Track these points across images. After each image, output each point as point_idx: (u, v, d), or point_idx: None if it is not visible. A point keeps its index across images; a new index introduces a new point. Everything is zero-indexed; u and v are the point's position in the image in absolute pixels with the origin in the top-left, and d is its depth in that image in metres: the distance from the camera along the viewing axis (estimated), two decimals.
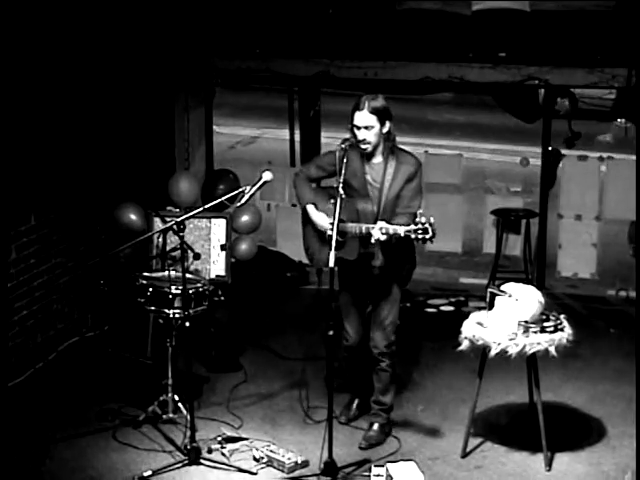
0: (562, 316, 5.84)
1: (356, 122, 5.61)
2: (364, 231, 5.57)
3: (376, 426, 6.06)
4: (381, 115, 5.60)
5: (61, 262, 7.29)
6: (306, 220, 5.96)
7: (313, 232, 5.92)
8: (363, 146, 5.64)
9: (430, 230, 5.31)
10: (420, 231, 5.32)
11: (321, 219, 5.83)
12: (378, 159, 5.72)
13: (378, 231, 5.43)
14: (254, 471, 5.67)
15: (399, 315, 5.97)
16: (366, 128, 5.59)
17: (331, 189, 5.83)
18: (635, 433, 5.71)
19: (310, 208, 5.88)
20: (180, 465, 5.68)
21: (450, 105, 16.38)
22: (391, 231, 5.41)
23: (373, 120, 5.58)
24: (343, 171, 5.52)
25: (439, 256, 9.62)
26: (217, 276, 7.17)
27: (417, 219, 5.34)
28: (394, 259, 5.82)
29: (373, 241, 5.48)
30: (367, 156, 5.71)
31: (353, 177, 5.71)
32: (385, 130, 5.64)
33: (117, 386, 6.58)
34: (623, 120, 11.21)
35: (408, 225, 5.38)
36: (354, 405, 6.32)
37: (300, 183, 5.95)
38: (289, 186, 9.19)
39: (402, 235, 5.38)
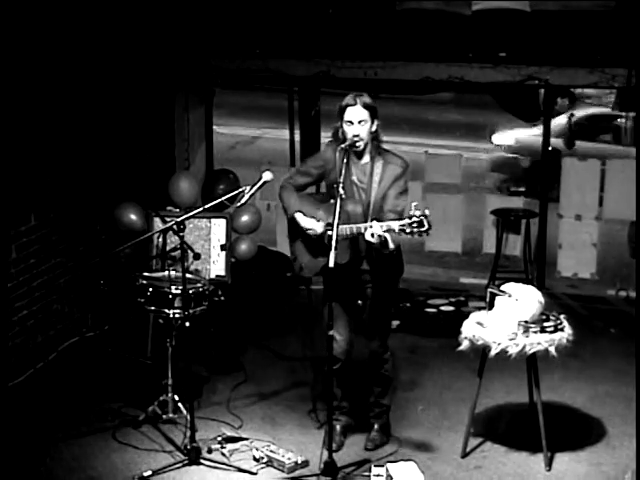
0: (562, 316, 5.83)
1: (350, 117, 5.52)
2: (355, 231, 5.43)
3: (376, 426, 6.05)
4: (372, 111, 5.55)
5: (61, 262, 7.29)
6: (293, 230, 5.81)
7: (302, 240, 5.78)
8: (357, 143, 5.53)
9: (425, 222, 5.15)
10: (415, 224, 5.17)
11: (311, 223, 5.67)
12: (365, 159, 5.64)
13: (369, 232, 5.28)
14: (254, 471, 5.67)
15: (397, 316, 5.95)
16: (359, 123, 5.52)
17: (316, 195, 5.79)
18: (635, 433, 5.70)
19: (298, 216, 5.72)
20: (180, 465, 5.68)
21: (450, 105, 16.40)
22: (385, 227, 5.24)
23: (366, 115, 5.52)
24: (343, 171, 5.42)
25: (439, 256, 9.62)
26: (217, 276, 7.16)
27: (411, 212, 5.19)
28: (383, 262, 5.67)
29: (368, 237, 5.29)
30: (355, 156, 5.61)
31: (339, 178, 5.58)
32: (374, 128, 5.59)
33: (117, 386, 6.58)
34: (623, 120, 11.23)
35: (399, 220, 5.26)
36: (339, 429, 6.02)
37: (285, 194, 5.78)
38: None
39: (396, 230, 5.23)
